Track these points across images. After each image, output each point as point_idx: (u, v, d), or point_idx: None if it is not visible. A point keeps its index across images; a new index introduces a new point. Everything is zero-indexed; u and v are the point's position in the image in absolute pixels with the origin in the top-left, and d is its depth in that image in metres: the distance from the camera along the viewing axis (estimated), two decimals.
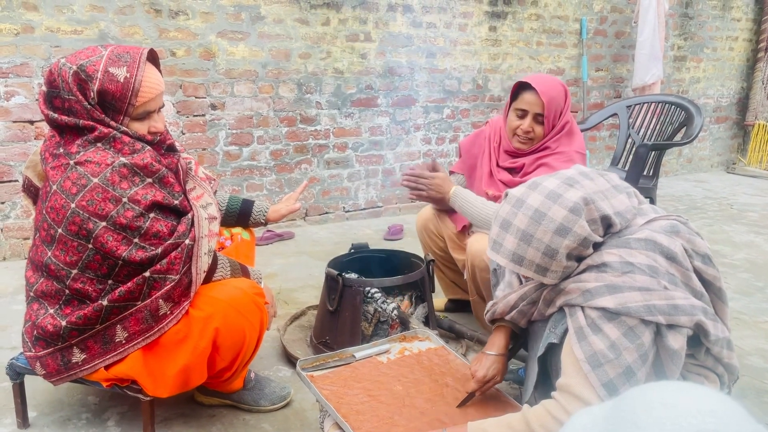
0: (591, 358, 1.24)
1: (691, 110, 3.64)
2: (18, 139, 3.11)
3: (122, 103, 1.50)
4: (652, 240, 1.31)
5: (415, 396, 1.60)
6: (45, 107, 1.53)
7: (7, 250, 3.21)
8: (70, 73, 1.46)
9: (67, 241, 1.49)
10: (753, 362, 2.30)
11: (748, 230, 4.18)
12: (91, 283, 1.52)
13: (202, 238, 1.59)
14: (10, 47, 3.01)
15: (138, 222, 1.49)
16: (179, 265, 1.55)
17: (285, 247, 3.61)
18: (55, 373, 1.61)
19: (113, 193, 1.46)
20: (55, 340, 1.56)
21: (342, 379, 1.62)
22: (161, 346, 1.59)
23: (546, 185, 1.33)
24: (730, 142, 6.64)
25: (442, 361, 1.79)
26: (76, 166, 1.47)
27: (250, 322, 1.67)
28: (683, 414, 0.67)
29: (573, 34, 5.03)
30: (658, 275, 1.28)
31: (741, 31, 6.29)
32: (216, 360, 1.66)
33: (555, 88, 2.12)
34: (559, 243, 1.28)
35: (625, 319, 1.24)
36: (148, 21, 3.30)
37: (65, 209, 1.46)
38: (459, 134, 4.66)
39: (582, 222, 1.28)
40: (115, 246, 1.47)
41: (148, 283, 1.52)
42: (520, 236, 1.31)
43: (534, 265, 1.31)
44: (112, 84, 1.48)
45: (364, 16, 4.00)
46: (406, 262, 2.39)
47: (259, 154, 3.83)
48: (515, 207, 1.34)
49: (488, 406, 1.60)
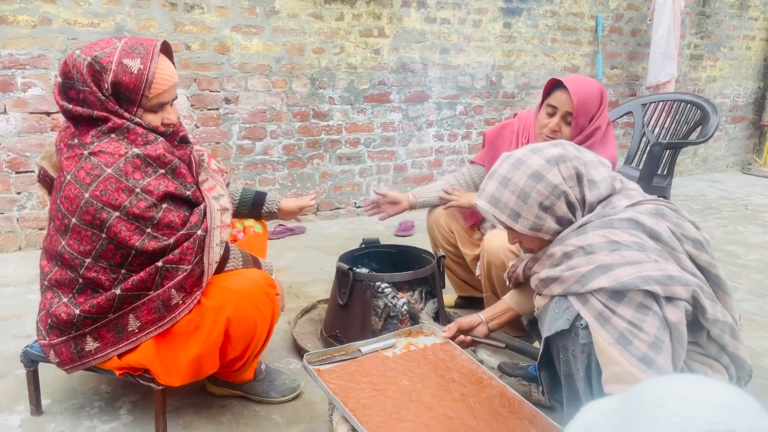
0: (620, 339, 1.26)
1: (707, 109, 3.60)
2: (34, 130, 3.14)
3: (136, 94, 1.51)
4: (635, 220, 1.36)
5: (422, 391, 1.60)
6: (60, 98, 1.54)
7: (22, 240, 3.25)
8: (85, 64, 1.48)
9: (80, 230, 1.50)
10: (766, 363, 2.28)
11: (763, 231, 4.14)
12: (104, 272, 1.53)
13: (214, 228, 1.60)
14: (27, 39, 3.04)
15: (151, 212, 1.50)
16: (191, 255, 1.55)
17: (296, 242, 3.62)
18: (68, 361, 1.63)
19: (126, 184, 1.47)
20: (69, 328, 1.58)
21: (349, 373, 1.62)
22: (174, 336, 1.60)
23: (536, 144, 1.47)
24: (745, 143, 6.57)
25: (447, 356, 1.79)
26: (90, 157, 1.48)
27: (261, 312, 1.67)
28: (694, 407, 0.66)
29: (588, 31, 5.00)
30: (646, 250, 1.32)
31: (758, 31, 6.22)
32: (228, 349, 1.67)
33: (589, 91, 2.06)
34: (531, 187, 1.39)
35: (631, 296, 1.27)
36: (163, 14, 3.32)
37: (79, 199, 1.48)
38: (472, 131, 4.65)
39: (555, 171, 1.39)
40: (128, 236, 1.48)
41: (161, 272, 1.53)
42: (500, 180, 1.44)
43: (508, 208, 1.42)
44: (126, 75, 1.49)
45: (378, 12, 4.00)
46: (417, 258, 2.39)
47: (271, 149, 3.84)
48: (502, 160, 1.48)
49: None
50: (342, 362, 1.67)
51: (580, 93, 2.03)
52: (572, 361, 1.39)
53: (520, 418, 1.60)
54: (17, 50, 3.02)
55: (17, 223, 3.22)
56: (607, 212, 1.40)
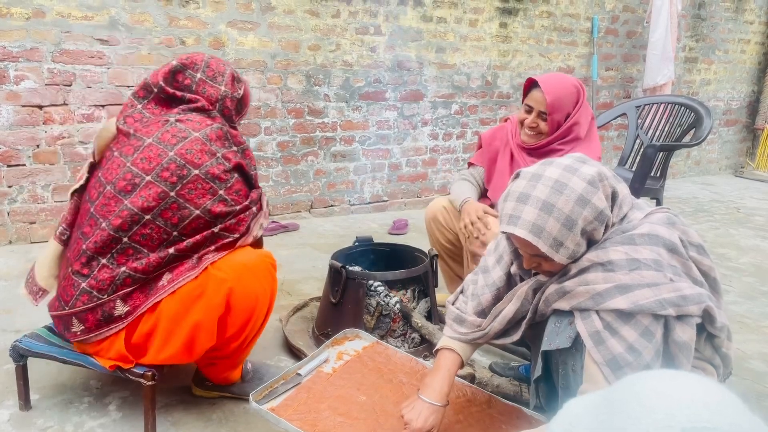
0: (611, 362, 1.24)
1: (701, 112, 3.62)
2: (26, 123, 3.12)
3: (246, 108, 1.86)
4: (654, 234, 1.31)
5: (382, 402, 1.59)
6: (162, 76, 1.71)
7: (13, 233, 3.22)
8: (228, 69, 1.77)
9: (152, 187, 1.58)
10: (755, 366, 2.30)
11: (755, 234, 4.16)
12: (157, 231, 1.59)
13: (263, 211, 1.78)
14: (20, 32, 3.01)
15: (226, 176, 1.66)
16: (244, 227, 1.69)
17: (289, 239, 3.62)
18: (93, 328, 1.61)
19: (210, 147, 1.64)
20: (104, 291, 1.58)
21: (304, 404, 1.58)
22: (179, 300, 1.60)
23: (560, 162, 1.34)
24: (739, 146, 6.60)
25: (383, 358, 1.79)
26: (176, 123, 1.65)
27: (263, 286, 1.71)
28: (676, 403, 0.65)
29: (584, 32, 5.00)
30: (663, 268, 1.28)
31: (753, 34, 6.25)
32: (227, 322, 1.66)
33: (563, 89, 2.10)
34: (578, 214, 1.27)
35: (640, 319, 1.24)
36: (158, 9, 3.30)
37: (161, 157, 1.59)
38: (467, 130, 4.65)
39: (600, 194, 1.29)
40: (201, 194, 1.61)
41: (213, 238, 1.64)
42: (540, 206, 1.27)
43: (551, 237, 1.27)
44: (248, 92, 1.85)
45: (375, 9, 3.99)
46: (410, 257, 2.39)
47: (265, 145, 3.83)
48: (533, 181, 1.31)
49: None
50: (288, 392, 1.63)
51: (553, 92, 2.07)
52: (571, 376, 1.37)
53: (478, 405, 1.62)
54: (10, 42, 3.00)
55: (8, 217, 3.19)
56: (625, 227, 1.34)
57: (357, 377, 1.70)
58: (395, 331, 2.17)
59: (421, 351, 2.15)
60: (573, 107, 2.13)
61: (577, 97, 2.13)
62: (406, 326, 2.17)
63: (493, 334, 1.50)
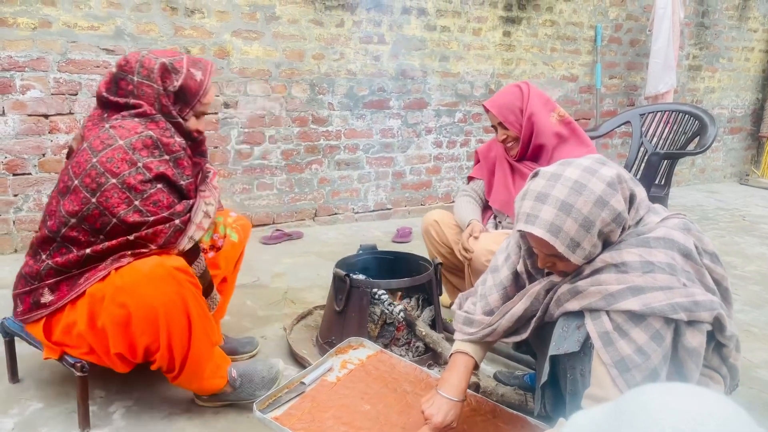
0: (619, 363, 1.24)
1: (705, 120, 3.61)
2: (32, 132, 3.13)
3: (194, 98, 1.77)
4: (670, 238, 1.31)
5: (386, 412, 1.58)
6: (105, 87, 1.73)
7: (18, 242, 3.23)
8: (157, 64, 1.70)
9: (78, 192, 1.63)
10: (761, 375, 2.28)
11: (760, 242, 4.14)
12: (84, 234, 1.65)
13: (192, 223, 1.73)
14: (27, 41, 3.04)
15: (144, 186, 1.63)
16: (162, 239, 1.66)
17: (293, 247, 3.62)
18: (26, 311, 1.74)
19: (131, 156, 1.62)
20: (34, 278, 1.71)
21: (308, 413, 1.58)
22: (89, 299, 1.65)
23: (579, 162, 1.34)
24: (743, 154, 6.59)
25: (387, 367, 1.78)
26: (109, 129, 1.66)
27: (162, 292, 1.61)
28: (684, 417, 0.65)
29: (587, 41, 5.01)
30: (677, 273, 1.28)
31: (757, 42, 6.24)
32: (133, 331, 1.63)
33: (503, 94, 2.23)
34: (596, 215, 1.27)
35: (651, 321, 1.24)
36: (164, 19, 3.33)
37: (87, 163, 1.62)
38: (470, 138, 4.65)
39: (618, 197, 1.29)
40: (116, 204, 1.61)
41: (130, 245, 1.65)
42: (559, 206, 1.28)
43: (569, 238, 1.28)
44: (192, 81, 1.75)
45: (379, 19, 4.00)
46: (414, 265, 2.39)
47: (270, 154, 3.84)
48: (552, 180, 1.32)
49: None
50: (292, 401, 1.62)
51: (495, 100, 2.24)
52: (579, 380, 1.36)
53: (483, 414, 1.61)
54: (16, 52, 3.02)
55: (13, 226, 3.21)
56: (641, 230, 1.34)
57: (361, 386, 1.69)
58: (399, 339, 2.16)
59: (425, 360, 2.14)
60: (521, 101, 2.21)
61: (520, 92, 2.22)
62: (410, 335, 2.17)
63: (502, 331, 1.51)
